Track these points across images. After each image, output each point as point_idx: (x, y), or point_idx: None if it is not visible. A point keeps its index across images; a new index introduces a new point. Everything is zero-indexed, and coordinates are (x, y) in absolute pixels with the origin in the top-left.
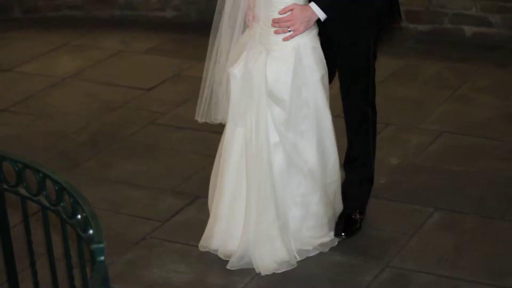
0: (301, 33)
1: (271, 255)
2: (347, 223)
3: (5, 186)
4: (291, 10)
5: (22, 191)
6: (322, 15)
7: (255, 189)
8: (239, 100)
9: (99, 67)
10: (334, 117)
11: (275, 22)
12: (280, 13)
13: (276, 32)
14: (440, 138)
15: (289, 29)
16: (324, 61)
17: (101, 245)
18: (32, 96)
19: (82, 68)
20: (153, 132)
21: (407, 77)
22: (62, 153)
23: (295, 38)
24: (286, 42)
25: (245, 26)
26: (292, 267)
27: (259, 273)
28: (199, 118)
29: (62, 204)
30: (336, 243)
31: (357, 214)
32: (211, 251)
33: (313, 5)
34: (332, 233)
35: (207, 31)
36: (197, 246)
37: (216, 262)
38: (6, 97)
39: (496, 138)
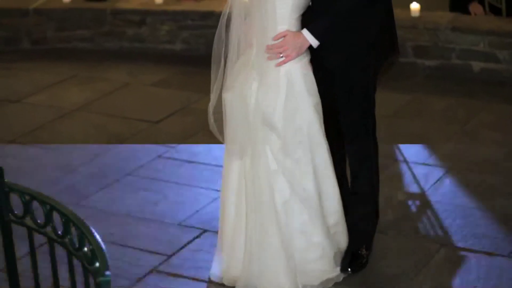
0: (293, 59)
1: None
2: (353, 258)
3: (12, 218)
4: (284, 36)
5: (29, 222)
6: (314, 42)
7: (257, 218)
8: (234, 127)
9: (107, 99)
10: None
11: (268, 48)
12: (273, 39)
13: (269, 58)
14: (447, 174)
15: (281, 55)
16: (316, 88)
17: (108, 278)
18: (40, 127)
19: (90, 100)
20: (161, 165)
21: (415, 112)
22: (69, 185)
23: (287, 64)
24: (278, 68)
25: (239, 53)
26: None
27: None
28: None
29: (69, 236)
30: (342, 278)
31: (364, 250)
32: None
33: (305, 31)
34: (338, 269)
35: None
36: (205, 281)
37: None
38: (14, 128)
39: (504, 175)
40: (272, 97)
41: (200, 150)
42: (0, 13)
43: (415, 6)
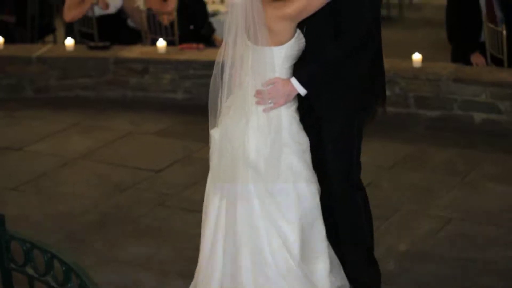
0: (281, 106)
1: None
2: None
3: (13, 266)
4: (274, 83)
5: (30, 271)
6: (302, 91)
7: (235, 255)
8: (218, 165)
9: (110, 148)
10: None
11: (258, 93)
12: (263, 85)
13: (257, 103)
14: (449, 225)
15: (270, 101)
16: (303, 135)
17: None
18: (41, 175)
19: (92, 149)
20: (162, 214)
21: (417, 162)
22: (70, 233)
23: (275, 111)
24: (265, 114)
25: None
26: None
27: None
28: None
29: (69, 285)
30: None
31: None
32: None
33: (293, 80)
34: None
35: None
36: None
37: None
38: (16, 176)
39: (505, 226)
40: (258, 141)
41: (201, 199)
42: (4, 61)
43: (417, 57)
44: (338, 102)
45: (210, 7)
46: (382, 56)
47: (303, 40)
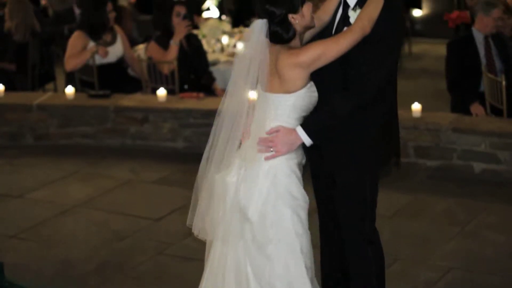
0: (282, 154)
1: None
2: None
3: None
4: (277, 131)
5: None
6: (307, 141)
7: None
8: (210, 208)
9: (109, 196)
10: None
11: (260, 140)
12: (266, 133)
13: (259, 151)
14: (448, 274)
15: (271, 149)
16: (302, 191)
17: None
18: (41, 223)
19: (92, 196)
20: (161, 263)
21: (416, 212)
22: (69, 281)
23: (274, 160)
24: (264, 163)
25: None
26: None
27: None
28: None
29: None
30: None
31: None
32: None
33: (299, 129)
34: None
35: None
36: None
37: None
38: (16, 223)
39: (505, 276)
40: (253, 191)
41: (200, 248)
42: (4, 109)
43: (416, 107)
44: (349, 156)
45: (210, 57)
46: (397, 107)
47: (315, 94)
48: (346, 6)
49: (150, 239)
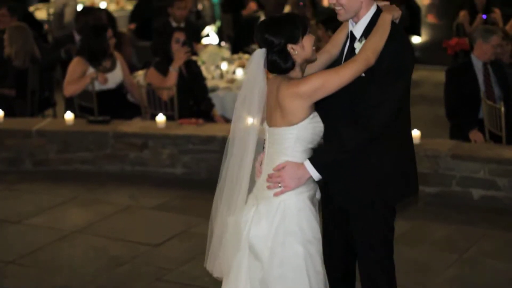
0: (291, 189)
1: None
2: None
3: None
4: (284, 167)
5: None
6: (316, 175)
7: None
8: (225, 248)
9: (108, 222)
10: None
11: (268, 176)
12: (273, 169)
13: (268, 187)
14: None
15: (280, 185)
16: (314, 225)
17: None
18: (39, 249)
19: (91, 222)
20: None
21: (415, 239)
22: None
23: (284, 196)
24: (274, 199)
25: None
26: None
27: None
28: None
29: None
30: None
31: None
32: None
33: (307, 163)
34: None
35: (216, 189)
36: None
37: None
38: (14, 249)
39: None
40: (263, 227)
41: (199, 274)
42: (4, 134)
43: (415, 133)
44: (363, 193)
45: (210, 83)
46: (412, 140)
47: (320, 124)
48: (353, 38)
49: (149, 265)
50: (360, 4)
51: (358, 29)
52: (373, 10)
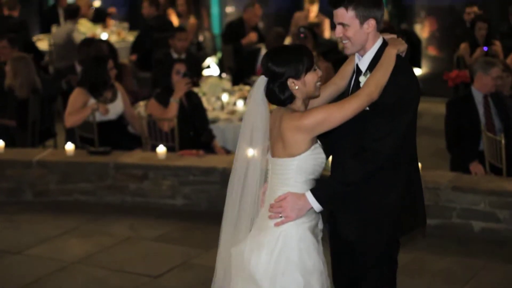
0: (292, 220)
1: None
2: None
3: None
4: (285, 197)
5: None
6: (317, 206)
7: None
8: (232, 279)
9: (108, 253)
10: None
11: (270, 206)
12: (275, 200)
13: (269, 217)
14: None
15: (281, 215)
16: (315, 256)
17: None
18: (40, 279)
19: (91, 253)
20: None
21: (416, 270)
22: None
23: (284, 226)
24: (275, 229)
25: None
26: None
27: None
28: None
29: None
30: None
31: None
32: None
33: (308, 194)
34: None
35: (217, 220)
36: None
37: None
38: (14, 280)
39: None
40: (264, 257)
41: None
42: (4, 165)
43: None
44: (368, 225)
45: (210, 114)
46: (419, 172)
47: (321, 155)
48: (359, 71)
49: None
50: (367, 36)
51: (363, 63)
52: (379, 43)
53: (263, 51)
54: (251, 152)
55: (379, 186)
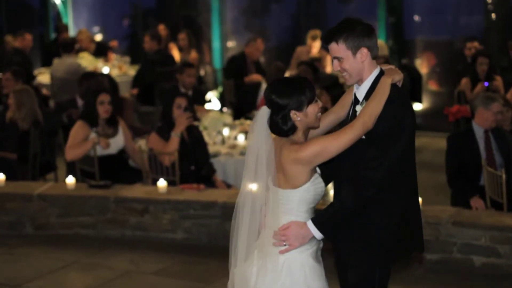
0: (295, 248)
1: None
2: None
3: None
4: (288, 226)
5: None
6: (318, 235)
7: None
8: None
9: (108, 287)
10: None
11: (274, 234)
12: (279, 228)
13: (274, 244)
14: None
15: (284, 243)
16: (317, 281)
17: None
18: None
19: (91, 287)
20: None
21: None
22: None
23: (288, 254)
24: (279, 256)
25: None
26: None
27: None
28: None
29: None
30: None
31: None
32: None
33: (309, 223)
34: None
35: (217, 254)
36: None
37: None
38: None
39: None
40: (269, 282)
41: None
42: (5, 198)
43: None
44: (362, 249)
45: (211, 148)
46: (417, 200)
47: (321, 185)
48: (356, 101)
49: None
50: (362, 65)
51: (360, 92)
52: (375, 73)
53: (264, 85)
54: (255, 185)
55: (375, 215)
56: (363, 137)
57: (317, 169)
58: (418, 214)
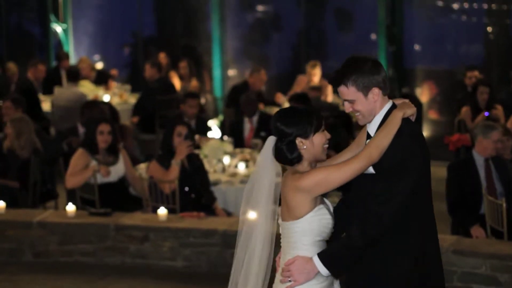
0: (301, 284)
1: None
2: None
3: None
4: (293, 261)
5: None
6: (323, 271)
7: None
8: None
9: None
10: None
11: (282, 270)
12: (285, 264)
13: (281, 281)
14: None
15: (289, 279)
16: None
17: None
18: None
19: None
20: None
21: None
22: None
23: None
24: None
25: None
26: None
27: None
28: None
29: None
30: None
31: None
32: None
33: (315, 258)
34: None
35: (217, 282)
36: None
37: None
38: None
39: None
40: None
41: None
42: (5, 225)
43: None
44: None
45: (212, 176)
46: (435, 236)
47: (326, 216)
48: (369, 136)
49: None
50: (375, 104)
51: (372, 127)
52: (387, 107)
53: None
54: (254, 214)
55: (387, 253)
56: (373, 171)
57: (326, 201)
58: (434, 248)
